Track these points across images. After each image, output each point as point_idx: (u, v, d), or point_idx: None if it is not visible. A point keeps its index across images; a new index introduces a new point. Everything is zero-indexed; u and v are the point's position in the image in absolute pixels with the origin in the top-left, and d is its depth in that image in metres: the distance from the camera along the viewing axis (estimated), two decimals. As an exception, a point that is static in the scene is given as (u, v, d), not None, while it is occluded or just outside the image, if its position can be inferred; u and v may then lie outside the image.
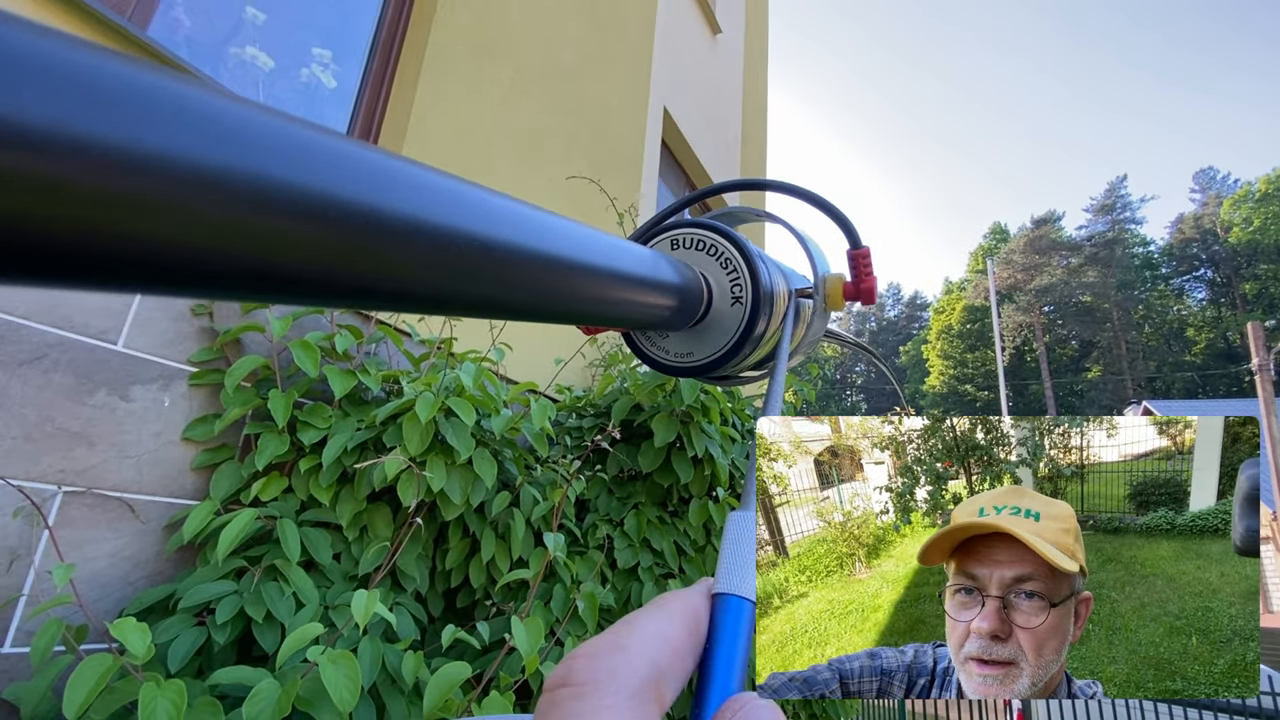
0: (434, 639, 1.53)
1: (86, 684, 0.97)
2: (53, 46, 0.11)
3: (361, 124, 2.20)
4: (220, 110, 0.14)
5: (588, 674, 0.18)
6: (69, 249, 0.12)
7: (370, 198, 0.17)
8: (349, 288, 0.18)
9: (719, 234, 0.41)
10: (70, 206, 0.11)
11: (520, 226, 0.23)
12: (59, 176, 0.11)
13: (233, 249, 0.14)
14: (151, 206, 0.12)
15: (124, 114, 0.12)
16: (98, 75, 0.12)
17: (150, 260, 0.13)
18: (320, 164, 0.16)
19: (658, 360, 0.43)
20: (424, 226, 0.18)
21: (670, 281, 0.34)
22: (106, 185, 0.12)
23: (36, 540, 1.24)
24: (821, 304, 0.44)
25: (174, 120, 0.13)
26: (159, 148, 0.12)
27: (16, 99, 0.10)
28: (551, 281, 0.25)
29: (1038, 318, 44.91)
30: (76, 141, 0.11)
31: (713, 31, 5.58)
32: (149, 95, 0.12)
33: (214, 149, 0.13)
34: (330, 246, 0.16)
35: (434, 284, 0.20)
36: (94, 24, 1.38)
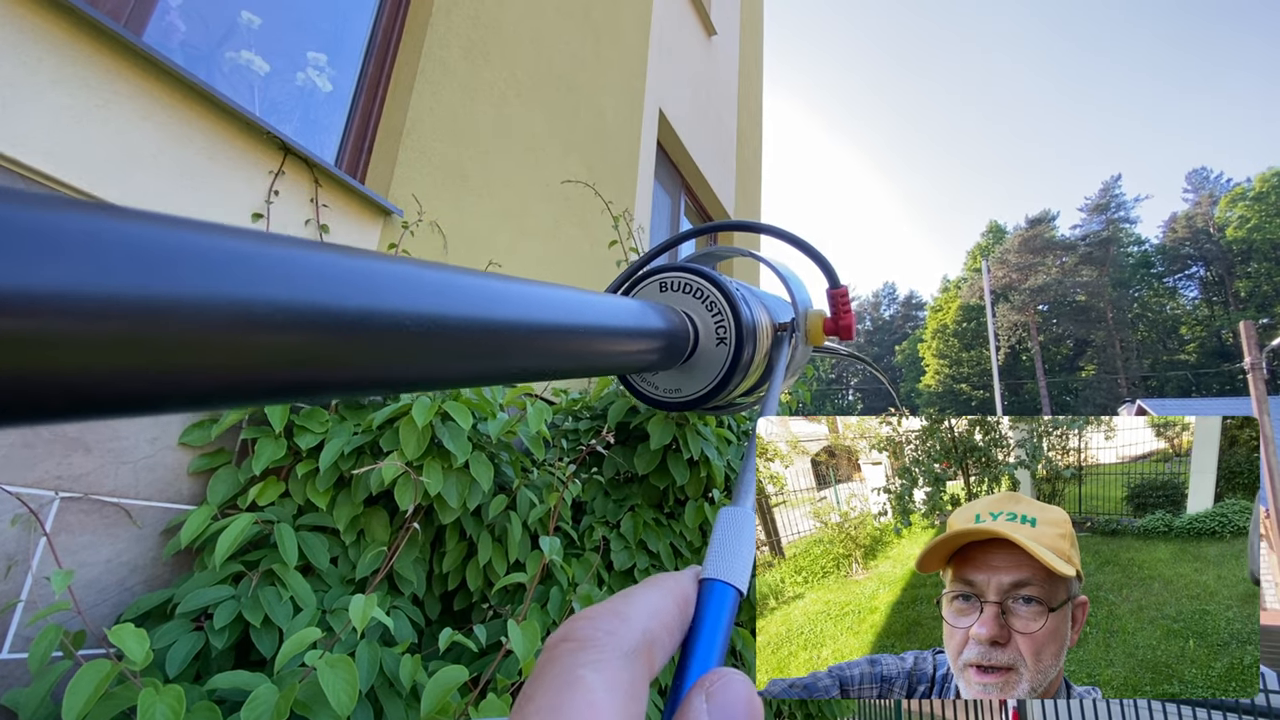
0: (431, 642, 1.52)
1: (85, 690, 0.97)
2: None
3: (357, 128, 2.20)
4: (194, 242, 0.15)
5: (588, 632, 0.19)
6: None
7: (363, 301, 0.19)
8: (367, 382, 0.20)
9: (704, 278, 0.44)
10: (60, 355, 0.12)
11: (513, 303, 0.26)
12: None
13: (249, 366, 0.16)
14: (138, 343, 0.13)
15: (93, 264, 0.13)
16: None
17: (155, 388, 0.15)
18: (324, 279, 0.17)
19: (648, 395, 0.46)
20: (434, 320, 0.21)
21: (657, 328, 0.37)
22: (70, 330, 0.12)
23: (34, 546, 1.23)
24: (803, 338, 0.47)
25: (161, 260, 0.14)
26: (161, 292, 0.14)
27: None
28: (548, 347, 0.28)
29: (1032, 317, 45.07)
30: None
31: (707, 33, 5.58)
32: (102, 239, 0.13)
33: (206, 283, 0.15)
34: (341, 351, 0.18)
35: (432, 368, 0.22)
36: (89, 30, 1.38)
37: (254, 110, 1.82)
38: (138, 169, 1.45)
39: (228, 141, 1.65)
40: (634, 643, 0.20)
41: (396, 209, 2.08)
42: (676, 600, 0.23)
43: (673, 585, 0.23)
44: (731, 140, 5.96)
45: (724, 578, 0.25)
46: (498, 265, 2.45)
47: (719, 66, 5.82)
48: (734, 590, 0.24)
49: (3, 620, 1.19)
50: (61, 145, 1.33)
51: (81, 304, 0.12)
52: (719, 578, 0.25)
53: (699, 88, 5.27)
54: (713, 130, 5.50)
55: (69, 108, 1.35)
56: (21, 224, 0.12)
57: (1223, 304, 42.17)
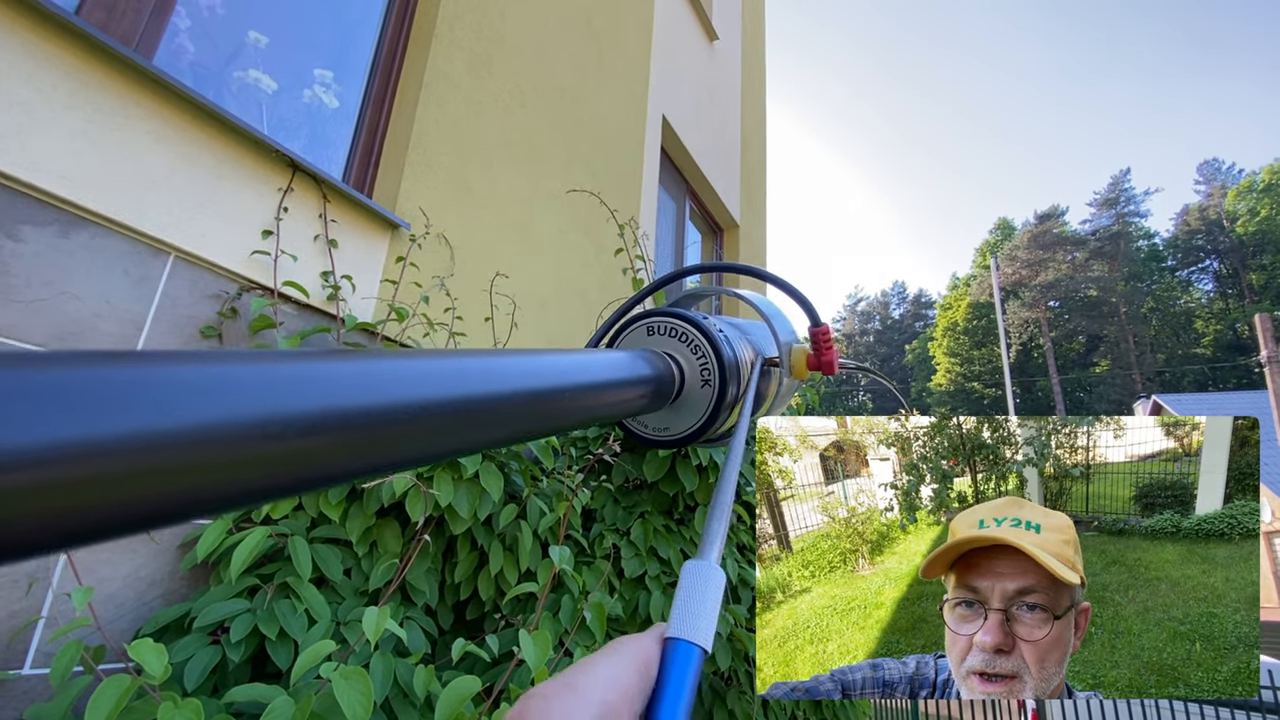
0: (444, 652, 1.53)
1: (106, 705, 0.98)
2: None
3: (363, 143, 2.23)
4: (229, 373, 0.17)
5: (540, 714, 0.19)
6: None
7: (374, 399, 0.21)
8: (372, 468, 0.22)
9: (687, 322, 0.46)
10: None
11: (510, 377, 0.28)
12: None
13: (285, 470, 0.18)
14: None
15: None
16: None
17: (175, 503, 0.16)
18: (340, 387, 0.20)
19: (639, 434, 0.48)
20: (432, 405, 0.24)
21: (644, 375, 0.39)
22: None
23: (54, 564, 1.25)
24: (787, 372, 0.49)
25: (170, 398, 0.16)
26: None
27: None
28: (541, 411, 0.30)
29: (1044, 313, 44.66)
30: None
31: (709, 38, 5.60)
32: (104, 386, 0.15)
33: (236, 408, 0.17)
34: (354, 444, 0.20)
35: (435, 445, 0.25)
36: (101, 55, 1.41)
37: (262, 128, 1.84)
38: (150, 190, 1.48)
39: (237, 160, 1.67)
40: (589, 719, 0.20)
41: (404, 222, 2.11)
42: (637, 666, 0.23)
43: (633, 650, 0.23)
44: (736, 144, 5.96)
45: (688, 636, 0.25)
46: (505, 276, 2.47)
47: (721, 71, 5.84)
48: (698, 649, 0.24)
49: (24, 637, 1.21)
50: (75, 169, 1.35)
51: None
52: (683, 636, 0.25)
53: (702, 93, 5.28)
54: (716, 135, 5.51)
55: (83, 132, 1.37)
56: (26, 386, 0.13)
57: (1237, 297, 41.63)
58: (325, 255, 1.86)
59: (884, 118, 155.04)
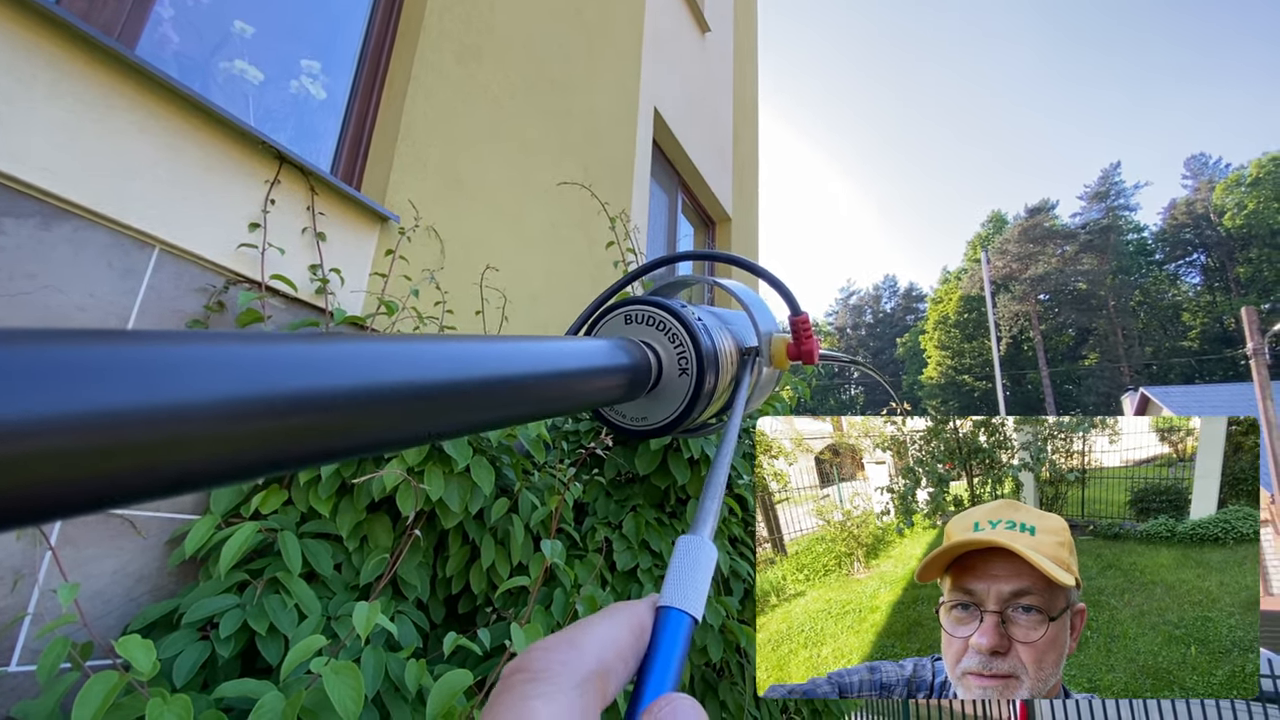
0: (436, 646, 1.53)
1: (94, 701, 0.97)
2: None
3: (352, 135, 2.20)
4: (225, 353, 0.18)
5: (541, 663, 0.20)
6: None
7: (363, 379, 0.22)
8: (360, 448, 0.23)
9: (665, 310, 0.46)
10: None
11: (486, 362, 0.28)
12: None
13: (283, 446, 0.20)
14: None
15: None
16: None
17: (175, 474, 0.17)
18: (331, 367, 0.21)
19: (617, 424, 0.48)
20: (418, 388, 0.24)
21: (620, 364, 0.39)
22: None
23: (40, 559, 1.24)
24: (767, 362, 0.49)
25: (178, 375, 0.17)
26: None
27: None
28: (520, 395, 0.30)
29: (1033, 306, 45.00)
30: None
31: (701, 30, 5.57)
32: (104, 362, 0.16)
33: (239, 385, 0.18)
34: (340, 423, 0.21)
35: (423, 427, 0.25)
36: (83, 45, 1.38)
37: (248, 120, 1.82)
38: (135, 182, 1.45)
39: (223, 152, 1.65)
40: (586, 673, 0.20)
41: (393, 215, 2.08)
42: (631, 629, 0.24)
43: (628, 614, 0.24)
44: (728, 137, 5.95)
45: (680, 605, 0.25)
46: (495, 269, 2.45)
47: (713, 63, 5.81)
48: (689, 618, 0.25)
49: (10, 633, 1.20)
50: (58, 160, 1.33)
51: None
52: (675, 605, 0.25)
53: (693, 85, 5.26)
54: (708, 127, 5.48)
55: (65, 123, 1.35)
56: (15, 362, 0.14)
57: (1224, 290, 42.10)
58: (313, 248, 1.84)
59: (874, 113, 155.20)
